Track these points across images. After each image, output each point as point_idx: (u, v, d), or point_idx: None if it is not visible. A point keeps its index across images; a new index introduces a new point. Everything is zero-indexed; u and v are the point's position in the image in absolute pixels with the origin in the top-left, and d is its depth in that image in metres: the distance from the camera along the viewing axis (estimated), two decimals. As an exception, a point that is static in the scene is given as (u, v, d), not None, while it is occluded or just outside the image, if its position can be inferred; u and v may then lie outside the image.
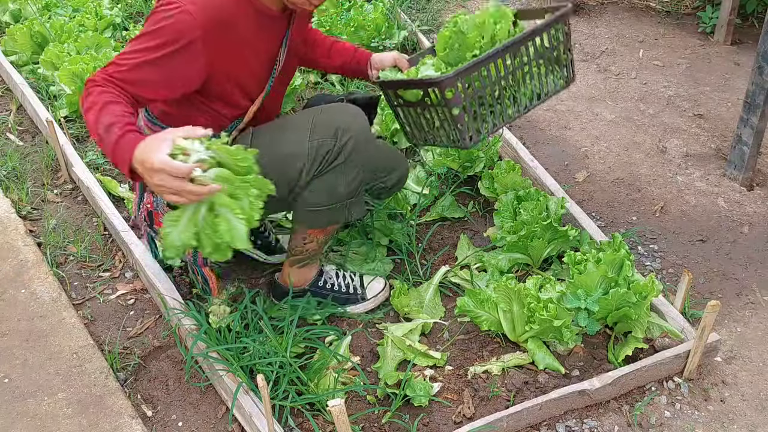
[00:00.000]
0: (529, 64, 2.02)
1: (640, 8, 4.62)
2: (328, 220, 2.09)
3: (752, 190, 2.98)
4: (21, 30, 3.65)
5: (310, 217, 2.08)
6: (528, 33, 1.95)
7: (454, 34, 2.03)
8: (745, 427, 2.00)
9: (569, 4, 2.02)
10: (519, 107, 2.08)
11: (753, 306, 2.42)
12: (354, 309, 2.31)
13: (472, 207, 2.79)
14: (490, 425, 1.88)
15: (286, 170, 1.97)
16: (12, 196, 2.79)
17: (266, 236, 2.48)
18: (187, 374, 2.11)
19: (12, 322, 2.23)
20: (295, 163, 1.97)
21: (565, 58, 2.10)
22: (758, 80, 2.79)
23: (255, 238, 2.45)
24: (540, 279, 2.18)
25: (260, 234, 2.46)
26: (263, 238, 2.47)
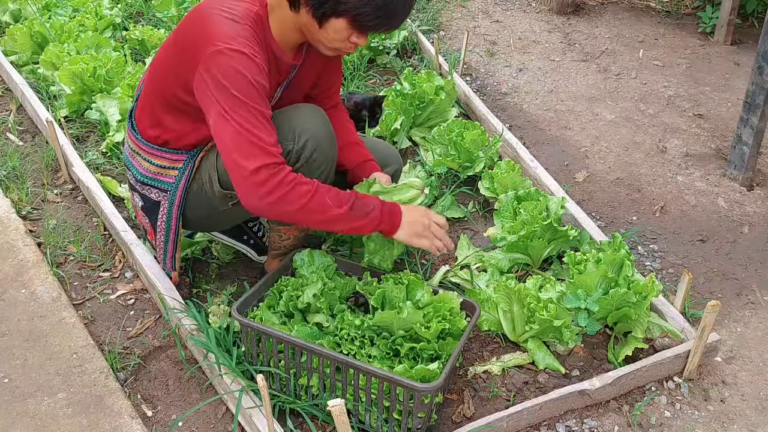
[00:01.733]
0: None
1: (640, 8, 4.62)
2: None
3: (752, 190, 2.98)
4: (21, 30, 3.65)
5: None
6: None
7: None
8: (745, 427, 2.00)
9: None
10: None
11: (753, 306, 2.42)
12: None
13: (472, 207, 2.79)
14: (490, 425, 1.88)
15: None
16: (12, 196, 2.79)
17: (261, 236, 2.48)
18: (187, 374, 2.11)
19: (12, 322, 2.23)
20: None
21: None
22: (758, 80, 2.79)
23: (248, 237, 2.46)
24: (540, 279, 2.18)
25: (254, 234, 2.47)
26: (257, 238, 2.47)
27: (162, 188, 2.11)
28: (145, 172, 2.11)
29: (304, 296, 1.95)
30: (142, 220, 2.23)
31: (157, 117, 2.05)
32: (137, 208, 2.22)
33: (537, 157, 3.00)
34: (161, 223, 2.15)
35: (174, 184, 2.09)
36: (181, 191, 2.09)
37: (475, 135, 2.90)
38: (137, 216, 2.28)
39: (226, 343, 2.05)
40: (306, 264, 2.09)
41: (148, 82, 2.08)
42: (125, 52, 3.62)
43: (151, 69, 2.07)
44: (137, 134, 2.12)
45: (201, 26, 1.86)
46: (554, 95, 3.66)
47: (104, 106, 3.14)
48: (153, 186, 2.12)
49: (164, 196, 2.11)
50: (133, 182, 2.18)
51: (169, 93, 1.97)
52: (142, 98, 2.10)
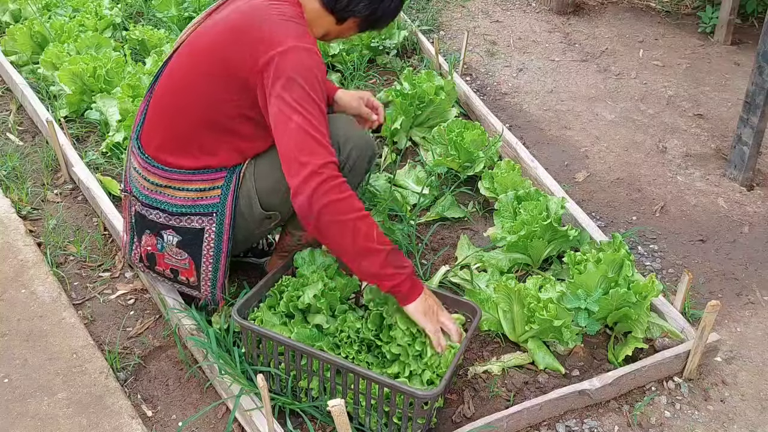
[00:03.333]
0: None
1: (640, 8, 4.62)
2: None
3: (752, 190, 2.98)
4: (21, 30, 3.65)
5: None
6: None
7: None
8: (745, 427, 2.00)
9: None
10: None
11: (753, 306, 2.42)
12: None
13: (472, 207, 2.79)
14: (490, 425, 1.88)
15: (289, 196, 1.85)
16: (12, 196, 2.79)
17: (254, 245, 2.46)
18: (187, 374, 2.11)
19: (12, 322, 2.23)
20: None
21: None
22: (758, 80, 2.79)
23: (248, 251, 2.45)
24: (540, 279, 2.18)
25: (251, 248, 2.46)
26: (252, 247, 2.46)
27: (205, 212, 1.97)
28: (183, 202, 1.97)
29: (305, 297, 1.95)
30: (171, 260, 2.05)
31: (198, 147, 1.94)
32: (166, 248, 2.03)
33: (537, 157, 3.00)
34: (208, 250, 2.01)
35: (219, 203, 1.96)
36: (230, 208, 1.96)
37: (475, 135, 2.90)
38: (160, 261, 2.06)
39: (226, 344, 2.05)
40: (307, 263, 2.08)
41: (174, 114, 1.95)
42: (125, 52, 3.62)
43: (177, 97, 1.94)
44: (163, 167, 1.97)
45: (256, 34, 1.81)
46: (554, 95, 3.66)
47: (104, 106, 3.14)
48: (193, 214, 1.98)
49: (209, 220, 1.98)
50: (163, 221, 2.00)
51: (221, 118, 1.90)
52: (161, 134, 1.98)
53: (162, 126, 1.99)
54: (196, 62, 1.93)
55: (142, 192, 2.02)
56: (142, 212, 2.04)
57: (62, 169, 2.92)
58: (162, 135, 1.99)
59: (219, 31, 1.90)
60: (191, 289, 2.12)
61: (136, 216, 2.07)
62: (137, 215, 2.06)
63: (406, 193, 2.80)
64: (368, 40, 3.73)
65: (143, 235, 2.07)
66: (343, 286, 2.04)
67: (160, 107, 2.00)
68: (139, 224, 2.07)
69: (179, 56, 2.00)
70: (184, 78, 1.95)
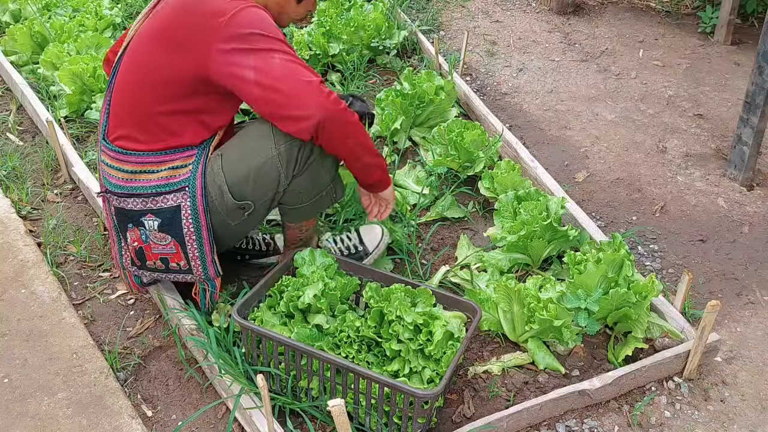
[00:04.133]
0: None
1: (640, 8, 4.62)
2: (318, 208, 2.18)
3: (752, 190, 2.98)
4: (21, 30, 3.65)
5: (301, 214, 2.15)
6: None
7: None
8: (745, 427, 2.00)
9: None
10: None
11: (753, 306, 2.42)
12: (365, 262, 2.36)
13: (472, 207, 2.79)
14: (490, 425, 1.88)
15: (262, 183, 2.00)
16: (12, 196, 2.79)
17: (251, 247, 2.46)
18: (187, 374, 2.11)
19: (12, 322, 2.23)
20: (269, 173, 1.99)
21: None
22: (758, 80, 2.79)
23: (241, 258, 2.45)
24: (540, 279, 2.18)
25: (246, 250, 2.46)
26: (250, 250, 2.46)
27: (177, 188, 1.98)
28: (157, 182, 1.98)
29: (305, 297, 1.95)
30: (158, 248, 2.04)
31: (162, 128, 1.96)
32: (150, 236, 2.02)
33: (537, 157, 3.00)
34: (188, 227, 2.00)
35: (190, 177, 1.97)
36: (200, 180, 1.97)
37: (475, 135, 2.90)
38: (149, 253, 2.05)
39: (226, 344, 2.05)
40: (307, 263, 2.09)
41: (136, 103, 1.98)
42: (125, 52, 3.62)
43: (139, 87, 1.97)
44: (135, 153, 1.99)
45: (202, 8, 1.88)
46: (554, 95, 3.66)
47: (104, 106, 3.14)
48: (168, 192, 1.98)
49: (182, 195, 1.98)
50: (141, 206, 1.99)
51: (179, 97, 1.93)
52: (127, 124, 2.00)
53: (126, 116, 2.01)
54: (146, 49, 1.97)
55: (118, 184, 2.02)
56: (120, 205, 2.03)
57: (62, 169, 2.92)
58: (127, 125, 2.00)
59: (164, 17, 1.95)
60: (185, 275, 2.10)
61: (116, 213, 2.06)
62: (117, 211, 2.05)
63: (406, 193, 2.80)
64: (368, 40, 3.73)
65: (127, 232, 2.06)
66: (343, 286, 2.04)
67: (120, 99, 2.02)
68: (121, 220, 2.05)
69: (132, 46, 2.04)
70: (138, 66, 1.98)
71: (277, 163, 1.98)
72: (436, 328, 1.87)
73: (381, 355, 1.95)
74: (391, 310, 1.90)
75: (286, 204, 2.12)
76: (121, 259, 2.16)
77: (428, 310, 1.92)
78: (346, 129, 1.95)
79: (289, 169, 1.99)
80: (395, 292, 1.95)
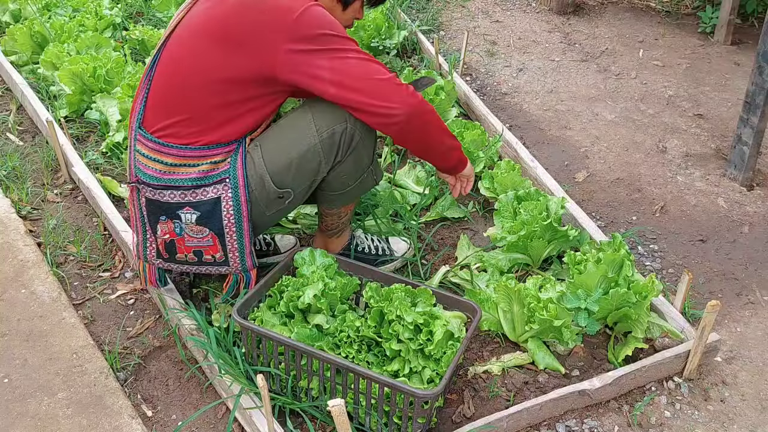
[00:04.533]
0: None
1: (640, 8, 4.62)
2: (359, 192, 2.19)
3: (752, 190, 2.98)
4: (21, 30, 3.65)
5: (342, 198, 2.18)
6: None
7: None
8: (745, 427, 2.00)
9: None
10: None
11: (753, 306, 2.42)
12: (385, 267, 2.40)
13: (472, 207, 2.79)
14: (490, 425, 1.88)
15: (303, 171, 2.02)
16: (12, 196, 2.79)
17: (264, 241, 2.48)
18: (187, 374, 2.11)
19: (12, 322, 2.23)
20: (311, 161, 2.01)
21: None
22: (758, 80, 2.79)
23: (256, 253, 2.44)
24: (540, 279, 2.18)
25: (260, 242, 2.47)
26: (263, 242, 2.47)
27: (219, 179, 1.97)
28: (198, 175, 1.97)
29: (305, 297, 1.95)
30: (193, 241, 2.04)
31: (210, 123, 1.96)
32: (186, 228, 2.01)
33: (537, 157, 3.00)
34: (228, 219, 2.00)
35: (230, 168, 1.98)
36: (241, 170, 1.98)
37: (475, 135, 2.90)
38: (181, 246, 2.04)
39: (226, 344, 2.05)
40: (307, 263, 2.09)
41: (183, 96, 1.96)
42: (125, 52, 3.62)
43: (186, 81, 1.95)
44: (177, 145, 1.97)
45: (260, 8, 1.88)
46: (554, 95, 3.66)
47: (104, 106, 3.14)
48: (208, 184, 1.98)
49: (223, 187, 1.98)
50: (178, 199, 1.98)
51: (233, 95, 1.93)
52: (169, 116, 1.98)
53: (170, 108, 1.98)
54: (197, 45, 1.94)
55: (154, 175, 1.99)
56: (155, 197, 2.00)
57: (62, 169, 2.92)
58: (171, 116, 1.98)
59: (219, 14, 1.93)
60: (219, 267, 2.10)
61: (147, 204, 2.03)
62: (148, 203, 2.02)
63: (406, 193, 2.80)
64: (368, 40, 3.73)
65: (158, 224, 2.04)
66: (343, 286, 2.04)
67: (165, 90, 2.00)
68: (152, 212, 2.03)
69: (178, 39, 2.00)
70: (188, 59, 1.96)
71: (319, 150, 1.99)
72: (436, 328, 1.87)
73: (381, 355, 1.95)
74: (391, 310, 1.90)
75: (331, 189, 2.13)
76: (144, 251, 2.13)
77: (428, 310, 1.92)
78: (428, 119, 2.02)
79: (331, 156, 2.01)
80: (396, 291, 1.95)
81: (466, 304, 2.01)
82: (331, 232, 2.31)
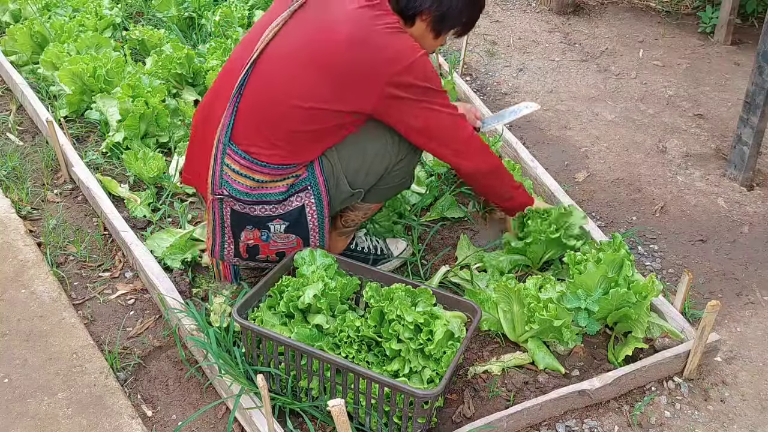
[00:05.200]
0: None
1: (640, 8, 4.62)
2: (398, 190, 2.31)
3: (752, 190, 2.98)
4: (21, 30, 3.64)
5: (385, 194, 2.28)
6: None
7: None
8: (745, 427, 2.00)
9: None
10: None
11: (753, 306, 2.42)
12: (384, 266, 2.43)
13: (472, 207, 2.79)
14: (490, 425, 1.88)
15: (373, 172, 2.15)
16: (12, 196, 2.79)
17: None
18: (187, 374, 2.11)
19: (12, 322, 2.23)
20: (381, 163, 2.14)
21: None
22: (758, 80, 2.79)
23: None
24: (540, 279, 2.18)
25: None
26: None
27: (302, 188, 2.10)
28: (284, 188, 2.08)
29: (305, 297, 1.95)
30: (277, 245, 2.16)
31: (299, 148, 2.05)
32: (273, 236, 2.14)
33: (537, 157, 3.00)
34: (313, 223, 2.14)
35: (309, 177, 2.09)
36: (321, 177, 2.10)
37: (475, 135, 2.90)
38: (265, 250, 2.17)
39: (226, 344, 2.05)
40: (307, 263, 2.09)
41: (278, 116, 2.01)
42: (125, 52, 3.62)
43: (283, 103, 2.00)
44: (268, 165, 2.04)
45: (372, 49, 1.94)
46: (554, 95, 3.66)
47: (104, 106, 3.14)
48: (293, 193, 2.10)
49: (306, 194, 2.11)
50: (269, 212, 2.10)
51: (324, 127, 2.03)
52: (262, 134, 2.03)
53: (262, 130, 2.03)
54: (302, 69, 1.98)
55: (244, 191, 2.07)
56: (244, 211, 2.10)
57: (62, 169, 2.92)
58: (264, 138, 2.03)
59: (328, 47, 1.96)
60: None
61: (232, 215, 2.12)
62: (234, 214, 2.11)
63: (406, 193, 2.80)
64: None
65: (242, 232, 2.14)
66: (343, 286, 2.04)
67: (258, 112, 2.04)
68: (238, 223, 2.13)
69: (272, 61, 2.02)
70: (286, 83, 2.00)
71: (391, 152, 2.13)
72: (437, 327, 1.87)
73: (381, 354, 1.95)
74: (391, 309, 1.91)
75: (382, 184, 2.21)
76: (222, 251, 2.21)
77: (429, 310, 1.92)
78: (491, 181, 2.31)
79: (397, 157, 2.16)
80: (396, 291, 1.95)
81: (466, 304, 2.01)
82: (344, 230, 2.35)
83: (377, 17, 1.97)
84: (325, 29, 1.97)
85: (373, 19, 1.96)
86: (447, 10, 2.06)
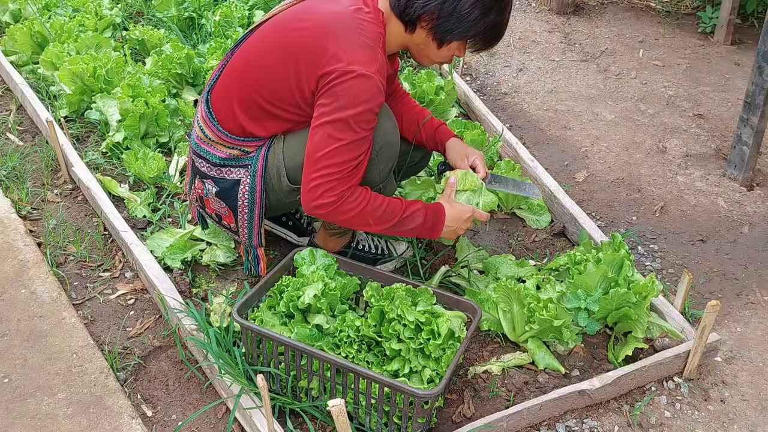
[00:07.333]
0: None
1: (640, 8, 4.62)
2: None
3: (752, 190, 2.98)
4: (21, 30, 3.65)
5: None
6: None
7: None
8: (745, 427, 2.00)
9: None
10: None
11: (753, 306, 2.42)
12: (384, 266, 2.44)
13: (472, 207, 2.79)
14: (490, 425, 1.88)
15: None
16: (12, 196, 2.79)
17: (298, 218, 2.55)
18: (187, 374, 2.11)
19: (12, 322, 2.23)
20: None
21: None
22: (758, 80, 2.79)
23: (287, 219, 2.54)
24: (540, 279, 2.18)
25: (292, 216, 2.54)
26: (295, 220, 2.55)
27: (242, 164, 2.12)
28: (226, 156, 2.13)
29: (305, 297, 1.95)
30: (215, 206, 2.22)
31: (248, 118, 2.08)
32: (209, 195, 2.20)
33: (537, 157, 3.00)
34: (243, 200, 2.15)
35: (254, 157, 2.11)
36: (262, 162, 2.10)
37: (475, 135, 2.90)
38: (208, 205, 2.24)
39: (226, 344, 2.05)
40: (307, 263, 2.09)
41: (242, 84, 2.07)
42: (125, 52, 3.62)
43: (249, 72, 2.06)
44: (218, 127, 2.13)
45: (334, 43, 1.91)
46: (554, 95, 3.66)
47: (104, 106, 3.14)
48: (233, 166, 2.13)
49: (245, 172, 2.12)
50: (205, 169, 2.17)
51: (281, 104, 2.03)
52: (228, 96, 2.11)
53: (229, 91, 2.12)
54: (272, 47, 2.03)
55: (196, 142, 2.20)
56: (193, 159, 2.23)
57: (62, 169, 2.92)
58: (228, 99, 2.11)
59: (302, 26, 1.99)
60: (233, 234, 2.28)
61: (191, 161, 2.26)
62: (191, 161, 2.26)
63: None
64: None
65: (196, 178, 2.24)
66: (343, 286, 2.04)
67: (232, 74, 2.13)
68: (193, 168, 2.25)
69: (262, 33, 2.10)
70: (259, 57, 2.06)
71: None
72: (441, 324, 1.87)
73: (381, 354, 1.95)
74: (392, 309, 1.91)
75: None
76: (190, 192, 2.33)
77: (430, 308, 1.92)
78: (344, 219, 2.03)
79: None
80: (397, 291, 1.95)
81: (466, 304, 2.01)
82: (333, 231, 2.33)
83: (358, 21, 1.95)
84: (309, 15, 2.01)
85: (353, 22, 1.95)
86: (447, 18, 1.95)
